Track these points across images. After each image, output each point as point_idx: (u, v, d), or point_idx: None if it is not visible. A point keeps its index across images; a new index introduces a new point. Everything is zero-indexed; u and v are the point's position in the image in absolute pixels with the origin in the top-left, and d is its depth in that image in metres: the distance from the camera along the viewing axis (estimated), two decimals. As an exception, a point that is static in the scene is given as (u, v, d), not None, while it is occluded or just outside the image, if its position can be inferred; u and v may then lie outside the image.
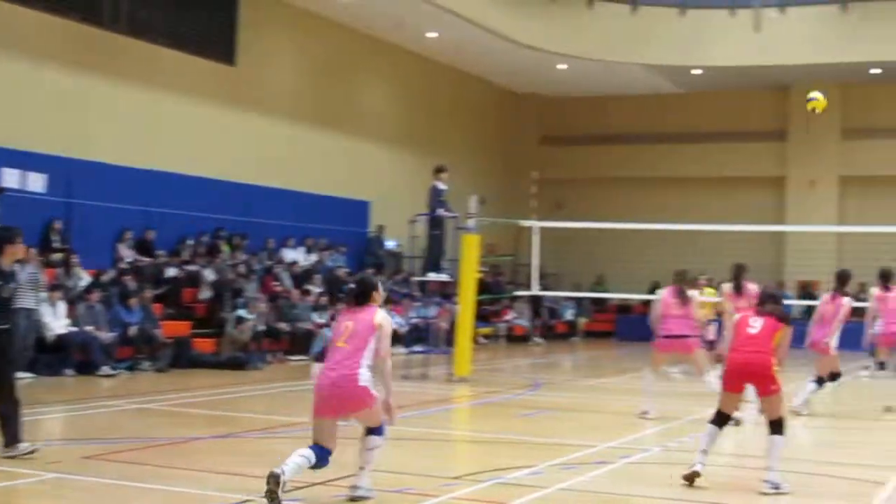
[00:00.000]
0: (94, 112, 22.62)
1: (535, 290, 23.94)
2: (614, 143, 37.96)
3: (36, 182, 20.85)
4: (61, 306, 18.83)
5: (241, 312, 21.52)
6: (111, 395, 16.14)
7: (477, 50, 31.77)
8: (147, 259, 22.67)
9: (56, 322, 18.55)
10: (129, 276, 20.98)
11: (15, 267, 10.75)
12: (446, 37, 30.35)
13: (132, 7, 23.60)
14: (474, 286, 20.07)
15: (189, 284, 22.85)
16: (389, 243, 30.34)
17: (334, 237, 28.54)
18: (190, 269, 23.11)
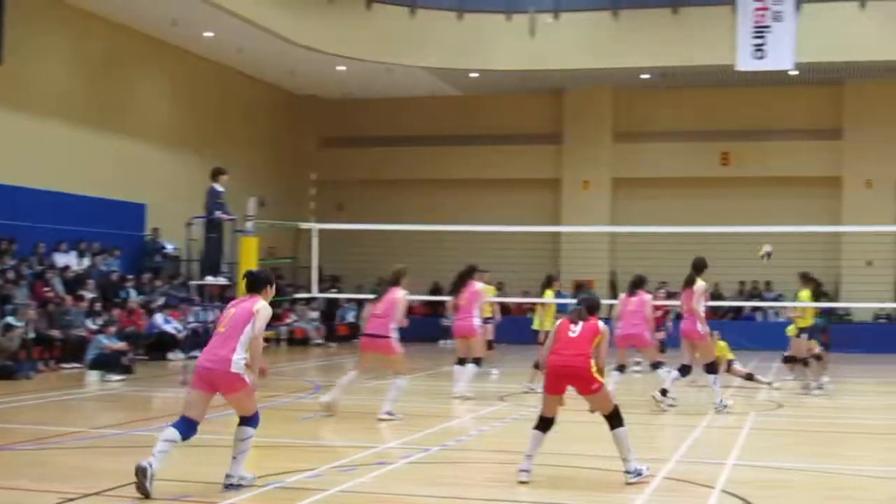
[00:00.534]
0: None
1: (315, 293, 23.85)
2: (396, 145, 38.20)
3: None
4: None
5: (10, 319, 20.72)
6: None
7: (255, 50, 31.46)
8: None
9: None
10: None
11: None
12: (223, 37, 29.97)
13: None
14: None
15: (-48, 292, 21.92)
16: (167, 247, 29.76)
17: (109, 241, 27.80)
18: (-47, 275, 22.19)
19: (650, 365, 17.34)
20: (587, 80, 35.19)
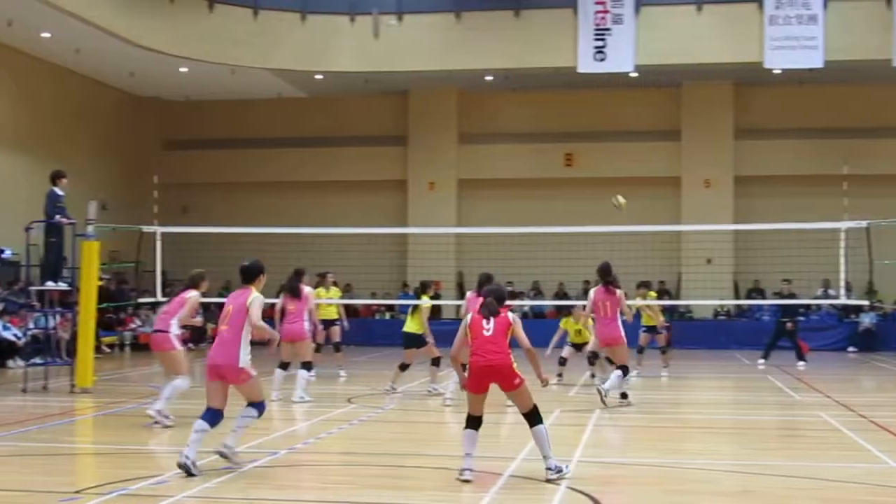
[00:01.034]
0: None
1: (159, 297, 23.48)
2: (241, 148, 37.88)
3: None
4: None
5: None
6: None
7: (94, 51, 30.82)
8: None
9: None
10: None
11: None
12: (61, 37, 29.29)
13: None
14: (95, 294, 19.53)
15: None
16: (6, 251, 28.97)
17: (-56, 247, 27.00)
18: None
19: None
20: (432, 82, 35.38)
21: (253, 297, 10.92)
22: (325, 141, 37.54)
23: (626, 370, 16.71)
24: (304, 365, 17.57)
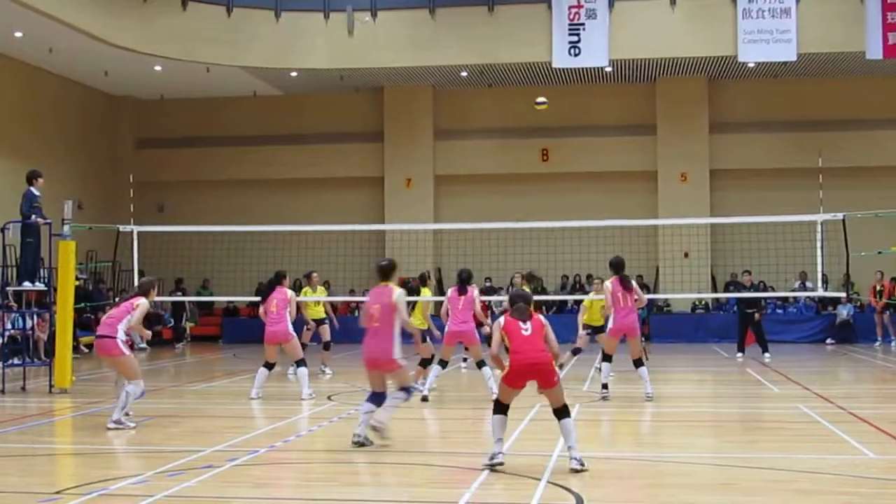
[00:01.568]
0: None
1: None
2: (217, 146, 37.82)
3: None
4: None
5: None
6: None
7: (67, 51, 30.72)
8: None
9: None
10: None
11: None
12: (34, 36, 29.16)
13: None
14: (73, 294, 19.46)
15: None
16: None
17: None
18: None
19: (475, 363, 17.46)
20: (407, 78, 35.39)
21: (397, 293, 12.26)
22: (300, 138, 37.50)
23: (640, 363, 16.97)
24: (298, 363, 17.56)
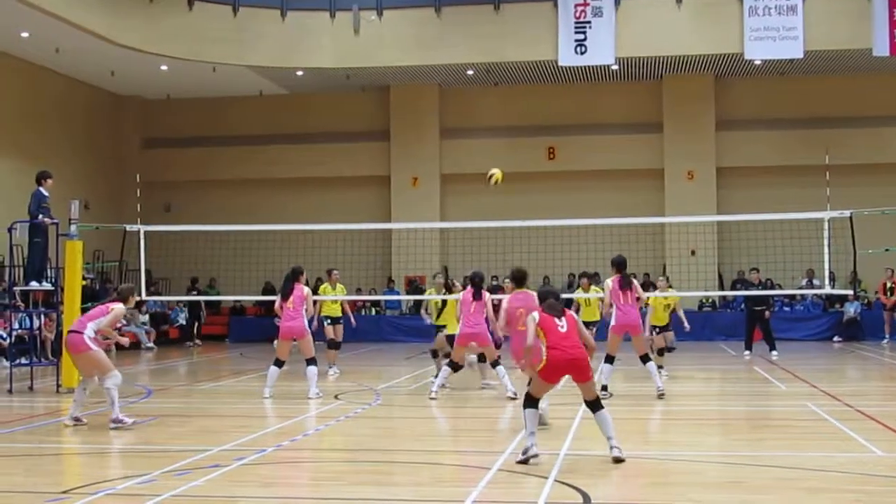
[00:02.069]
0: None
1: (143, 296, 23.43)
2: (224, 145, 37.84)
3: None
4: None
5: None
6: None
7: (73, 51, 30.75)
8: None
9: None
10: None
11: None
12: (40, 37, 29.19)
13: None
14: (79, 294, 19.47)
15: None
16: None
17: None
18: None
19: (490, 363, 17.46)
20: (413, 77, 35.40)
21: (536, 300, 12.19)
22: (306, 137, 37.50)
23: (647, 358, 17.03)
24: (309, 362, 17.52)
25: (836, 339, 32.45)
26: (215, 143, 37.92)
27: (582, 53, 30.95)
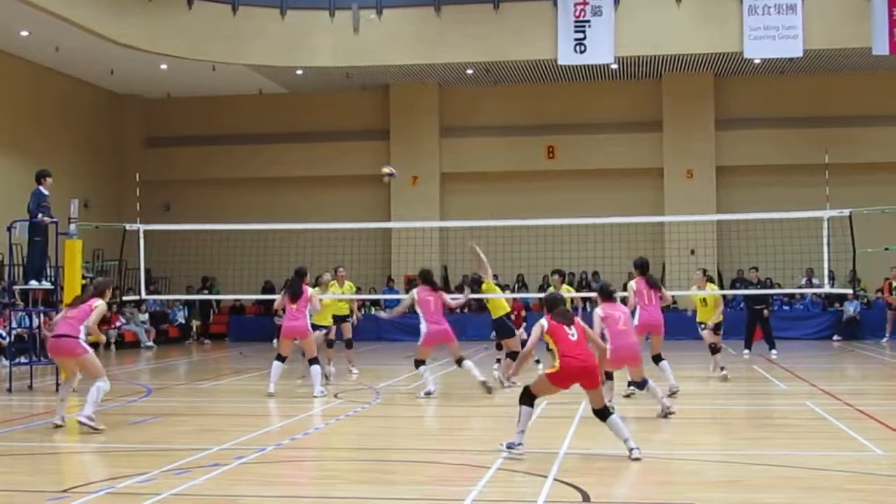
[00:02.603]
0: None
1: (143, 295, 23.45)
2: (223, 144, 37.85)
3: None
4: None
5: None
6: None
7: (73, 49, 30.75)
8: None
9: None
10: None
11: None
12: (40, 35, 29.19)
13: None
14: (79, 293, 19.43)
15: None
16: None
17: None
18: None
19: (455, 361, 17.34)
20: (412, 76, 35.40)
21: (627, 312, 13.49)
22: (306, 136, 37.50)
23: (660, 357, 17.04)
24: (311, 361, 17.55)
25: (835, 337, 32.47)
26: (215, 142, 37.92)
27: (581, 52, 30.96)
